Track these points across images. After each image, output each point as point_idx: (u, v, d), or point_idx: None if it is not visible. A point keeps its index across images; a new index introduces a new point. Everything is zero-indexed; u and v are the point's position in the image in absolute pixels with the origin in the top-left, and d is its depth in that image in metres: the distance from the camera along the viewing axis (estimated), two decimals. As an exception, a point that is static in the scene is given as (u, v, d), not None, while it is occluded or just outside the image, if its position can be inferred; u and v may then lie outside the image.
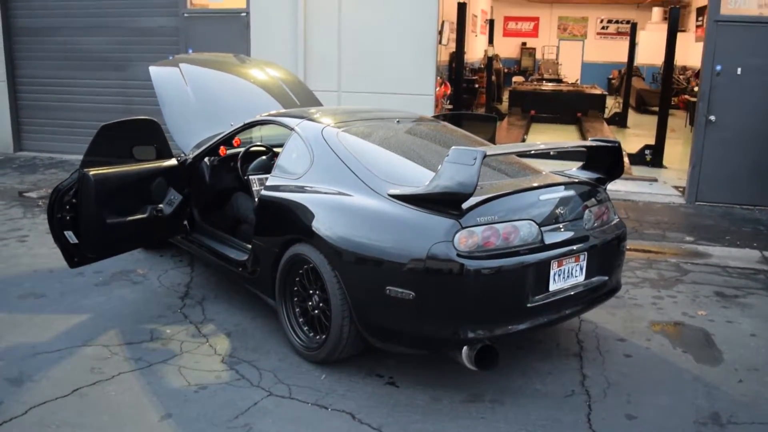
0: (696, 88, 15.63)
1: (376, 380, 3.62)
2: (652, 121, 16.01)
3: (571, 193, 3.74)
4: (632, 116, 16.10)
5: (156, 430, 3.12)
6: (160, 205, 4.59)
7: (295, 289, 3.87)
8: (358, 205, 3.55)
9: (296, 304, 3.89)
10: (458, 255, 3.15)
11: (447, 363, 3.66)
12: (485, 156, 3.14)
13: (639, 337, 4.30)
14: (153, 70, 5.55)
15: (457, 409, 3.36)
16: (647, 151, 10.00)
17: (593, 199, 3.87)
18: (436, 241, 3.17)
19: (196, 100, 5.41)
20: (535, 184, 3.65)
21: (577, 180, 3.93)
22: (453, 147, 3.26)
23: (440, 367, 3.72)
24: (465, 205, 3.24)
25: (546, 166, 4.53)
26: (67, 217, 4.09)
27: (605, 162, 4.13)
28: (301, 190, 3.88)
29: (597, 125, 13.43)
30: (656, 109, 17.18)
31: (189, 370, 3.68)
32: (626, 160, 9.82)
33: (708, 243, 6.50)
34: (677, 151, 11.33)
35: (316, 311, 3.74)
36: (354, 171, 3.72)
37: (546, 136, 13.25)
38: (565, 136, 13.29)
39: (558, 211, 3.59)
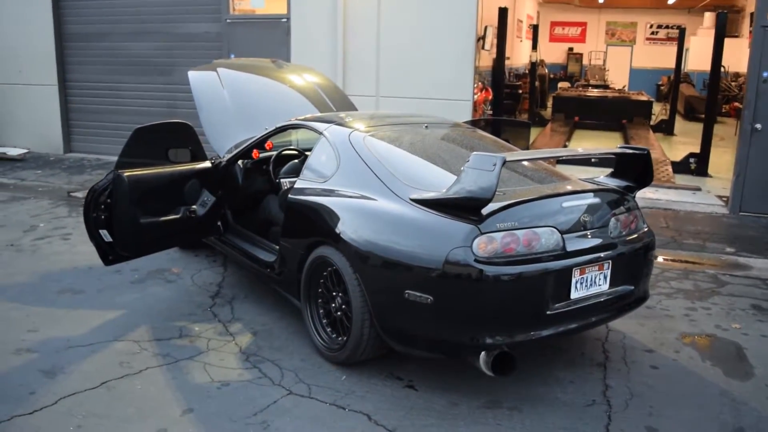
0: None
1: (395, 383, 3.65)
2: (700, 128, 15.64)
3: (596, 200, 3.70)
4: (680, 123, 15.74)
5: (177, 423, 3.21)
6: (194, 207, 4.71)
7: (320, 290, 3.93)
8: (380, 209, 3.59)
9: (320, 305, 3.95)
10: (476, 260, 3.15)
11: (467, 368, 3.65)
12: (505, 162, 3.14)
13: (668, 348, 4.22)
14: (192, 74, 5.70)
15: (474, 415, 3.36)
16: (692, 160, 9.77)
17: (620, 207, 3.82)
18: (455, 247, 3.19)
19: (232, 103, 5.54)
20: (559, 191, 3.63)
21: (603, 187, 3.88)
22: (473, 153, 3.27)
23: (460, 372, 3.72)
24: (485, 211, 3.24)
25: (586, 173, 4.49)
26: (102, 217, 4.24)
27: (635, 170, 4.08)
28: (326, 193, 3.94)
29: (642, 133, 13.18)
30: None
31: (213, 367, 3.77)
32: (669, 168, 9.63)
33: (749, 255, 6.32)
34: (725, 160, 11.02)
35: (339, 313, 3.79)
36: (378, 175, 3.76)
37: (588, 143, 13.07)
38: (608, 144, 13.06)
39: (582, 218, 3.56)
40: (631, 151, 3.98)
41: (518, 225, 3.30)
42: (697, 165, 9.69)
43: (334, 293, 3.82)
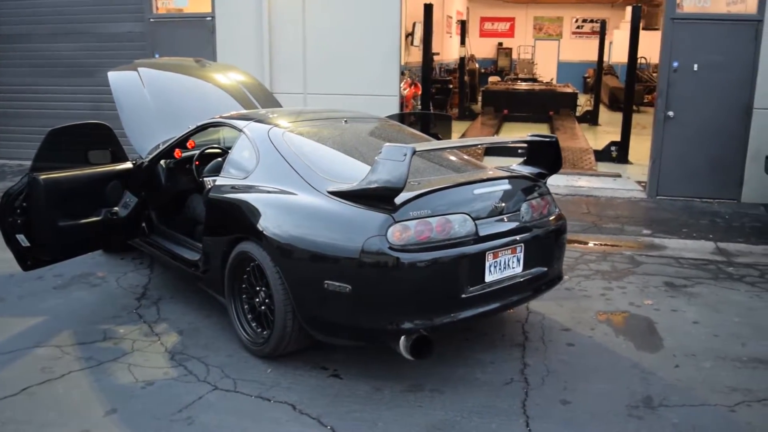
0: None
1: (320, 373, 3.72)
2: (623, 118, 16.25)
3: (508, 187, 3.84)
4: (605, 114, 16.32)
5: (100, 424, 3.19)
6: (115, 208, 4.66)
7: (243, 286, 3.96)
8: (298, 202, 3.65)
9: (245, 300, 3.98)
10: (391, 248, 3.25)
11: (392, 355, 3.75)
12: (414, 152, 3.25)
13: (584, 327, 4.42)
14: (112, 75, 5.61)
15: (397, 398, 3.46)
16: (613, 148, 10.16)
17: (532, 193, 3.98)
18: (370, 236, 3.28)
19: (153, 103, 5.48)
20: (471, 179, 3.76)
21: (515, 174, 4.04)
22: (385, 144, 3.36)
23: (385, 360, 3.81)
24: (398, 200, 3.34)
25: (511, 163, 4.62)
26: (18, 221, 4.15)
27: (546, 157, 4.25)
28: (246, 189, 3.97)
29: (568, 123, 13.61)
30: (629, 106, 17.46)
31: (138, 367, 3.76)
32: (591, 156, 9.99)
33: (665, 236, 6.65)
34: (645, 147, 11.41)
35: (263, 307, 3.83)
36: (296, 169, 3.81)
37: (515, 135, 13.39)
38: (537, 135, 13.43)
39: (494, 204, 3.70)
40: (540, 139, 4.15)
41: (432, 213, 3.42)
42: (618, 153, 10.08)
43: (258, 288, 3.86)
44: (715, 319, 4.60)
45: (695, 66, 7.77)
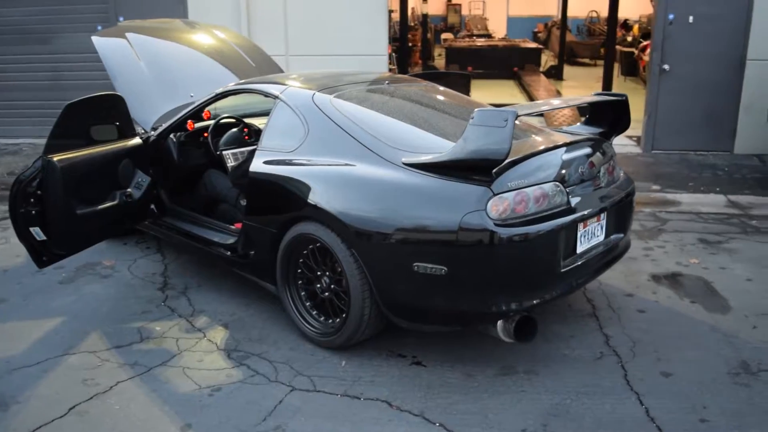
0: (629, 38, 15.92)
1: (400, 361, 3.40)
2: (585, 72, 16.26)
3: (587, 150, 3.56)
4: (565, 68, 16.24)
5: (178, 442, 2.80)
6: (129, 190, 4.16)
7: (299, 271, 3.58)
8: (370, 176, 3.26)
9: (301, 287, 3.60)
10: (494, 224, 2.93)
11: (467, 336, 3.49)
12: (517, 116, 2.90)
13: (644, 291, 4.25)
14: (97, 40, 5.02)
15: (494, 384, 3.18)
16: (594, 103, 10.02)
17: (605, 156, 3.72)
18: (468, 211, 2.94)
19: (150, 73, 4.94)
20: (555, 144, 3.44)
21: (590, 137, 3.75)
22: (478, 109, 3.01)
23: (462, 341, 3.54)
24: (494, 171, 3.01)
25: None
26: (33, 212, 3.60)
27: (609, 116, 3.98)
28: (298, 164, 3.55)
29: (535, 78, 13.44)
30: (586, 60, 17.49)
31: (194, 370, 3.34)
32: (576, 113, 9.84)
33: (674, 190, 6.56)
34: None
35: (327, 294, 3.47)
36: (359, 140, 3.41)
37: (487, 92, 13.13)
38: (505, 91, 13.23)
39: (578, 170, 3.41)
40: (609, 98, 3.87)
41: (526, 183, 3.11)
42: (600, 108, 9.94)
43: (319, 273, 3.48)
44: (765, 275, 4.50)
45: (690, 18, 7.63)
